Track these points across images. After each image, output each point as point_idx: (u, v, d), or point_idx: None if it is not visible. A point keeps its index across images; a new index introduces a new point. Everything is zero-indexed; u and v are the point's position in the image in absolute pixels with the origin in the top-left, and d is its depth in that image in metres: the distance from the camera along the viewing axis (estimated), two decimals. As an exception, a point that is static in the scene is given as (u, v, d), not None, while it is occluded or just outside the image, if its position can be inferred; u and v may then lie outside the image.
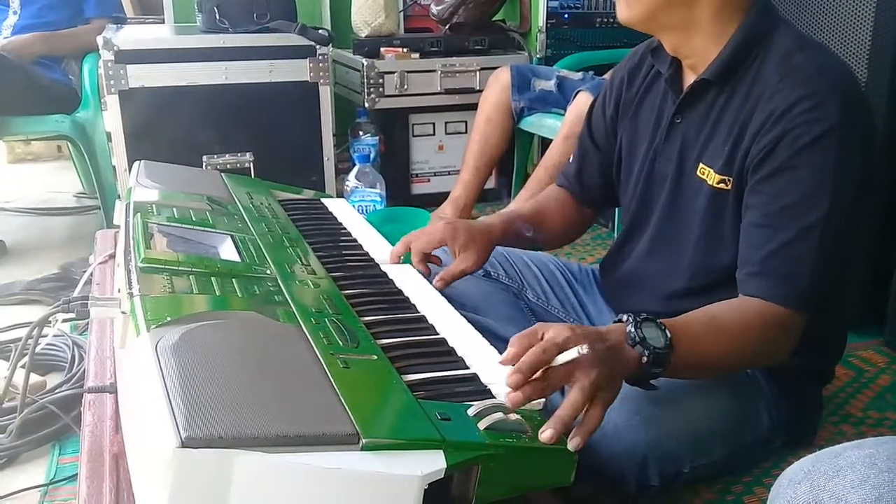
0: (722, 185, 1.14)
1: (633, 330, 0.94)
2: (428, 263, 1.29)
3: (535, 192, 2.19)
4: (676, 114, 1.22)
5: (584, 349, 0.85)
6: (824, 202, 1.05)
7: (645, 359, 0.94)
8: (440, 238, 1.28)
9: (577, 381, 0.86)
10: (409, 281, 1.24)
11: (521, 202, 2.25)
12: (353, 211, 1.63)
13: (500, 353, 1.01)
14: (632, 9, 1.14)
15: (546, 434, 0.82)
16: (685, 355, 0.97)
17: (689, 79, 1.20)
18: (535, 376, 0.85)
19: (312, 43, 2.39)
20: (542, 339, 0.88)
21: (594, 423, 0.86)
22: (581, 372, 0.86)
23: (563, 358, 0.86)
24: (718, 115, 1.16)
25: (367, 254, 1.34)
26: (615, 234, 1.45)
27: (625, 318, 0.97)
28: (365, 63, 2.65)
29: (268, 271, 1.11)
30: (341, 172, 2.66)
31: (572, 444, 0.83)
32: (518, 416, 0.83)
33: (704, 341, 1.02)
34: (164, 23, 3.07)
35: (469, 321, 1.11)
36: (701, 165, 1.18)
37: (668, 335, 0.96)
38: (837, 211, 1.05)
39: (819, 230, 1.05)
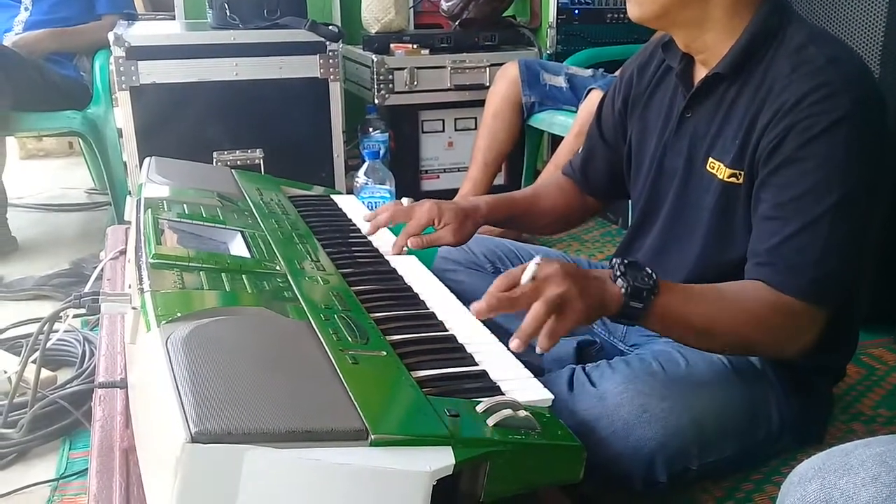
0: (733, 179, 1.14)
1: (617, 263, 1.00)
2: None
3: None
4: (687, 108, 1.21)
5: (537, 258, 0.94)
6: (833, 193, 1.04)
7: (623, 290, 0.98)
8: (427, 219, 1.33)
9: (542, 294, 0.92)
10: (419, 277, 1.24)
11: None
12: (362, 207, 1.63)
13: (509, 349, 1.01)
14: (644, 7, 1.13)
15: (514, 343, 0.91)
16: (672, 305, 1.01)
17: (701, 73, 1.20)
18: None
19: (322, 39, 2.39)
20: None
21: (560, 330, 0.92)
22: (549, 286, 0.93)
23: (525, 276, 0.93)
24: (728, 109, 1.15)
25: (376, 250, 1.34)
26: (624, 231, 1.45)
27: (615, 260, 1.01)
28: (375, 59, 2.65)
29: (277, 267, 1.11)
30: (351, 169, 2.66)
31: (540, 345, 0.90)
32: (527, 413, 0.83)
33: (699, 302, 1.04)
34: (174, 19, 3.08)
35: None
36: (711, 160, 1.17)
37: (654, 277, 0.99)
38: (847, 203, 1.04)
39: (827, 222, 1.04)
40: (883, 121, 1.11)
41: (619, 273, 0.99)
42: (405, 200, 1.40)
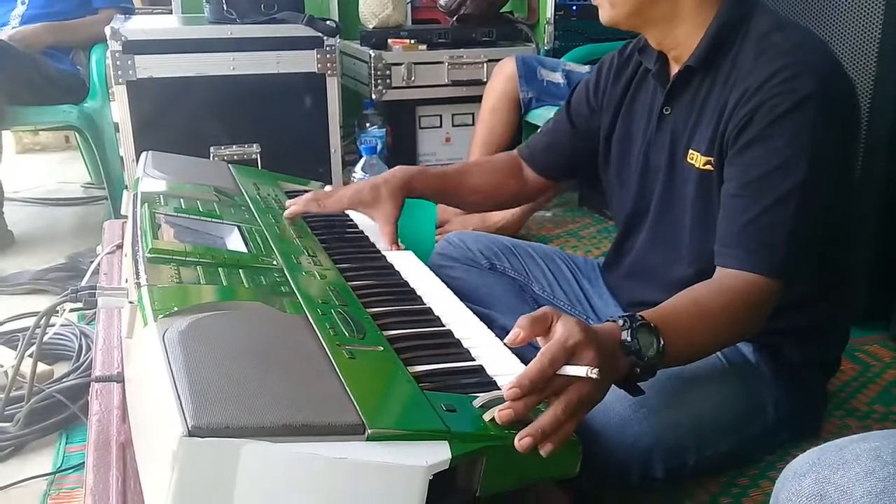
0: (708, 167, 1.15)
1: (629, 338, 0.90)
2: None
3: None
4: (665, 105, 1.23)
5: (595, 373, 0.80)
6: (800, 171, 1.04)
7: (638, 369, 0.91)
8: (348, 202, 1.35)
9: (566, 393, 0.81)
10: (416, 272, 1.24)
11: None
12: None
13: (503, 343, 1.01)
14: (616, 7, 1.15)
15: (524, 442, 0.78)
16: (674, 352, 0.94)
17: (675, 70, 1.21)
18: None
19: (320, 34, 2.39)
20: (549, 327, 0.84)
21: (566, 435, 0.81)
22: (576, 387, 0.81)
23: (569, 371, 0.81)
24: (703, 100, 1.17)
25: (373, 245, 1.34)
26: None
27: (620, 321, 0.92)
28: (372, 54, 2.65)
29: (274, 262, 1.11)
30: (348, 164, 2.66)
31: (543, 450, 0.79)
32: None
33: (692, 332, 0.99)
34: (171, 13, 3.07)
35: (475, 313, 1.11)
36: (690, 151, 1.19)
37: (661, 342, 0.92)
38: (814, 180, 1.05)
39: (795, 198, 1.05)
40: (849, 101, 1.12)
41: (633, 348, 0.90)
42: (328, 188, 1.40)
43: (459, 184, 1.45)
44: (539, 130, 1.51)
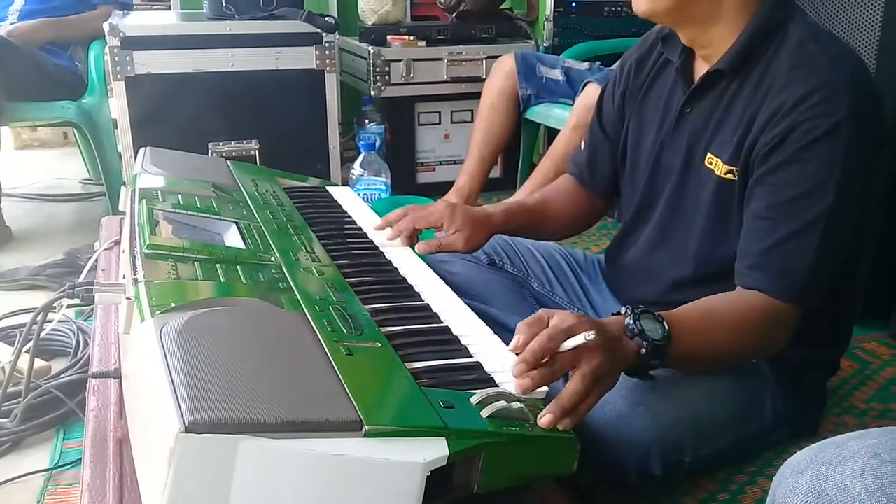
0: (729, 176, 1.14)
1: (631, 322, 0.95)
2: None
3: (541, 183, 2.19)
4: (686, 104, 1.20)
5: (591, 335, 0.85)
6: (830, 195, 1.04)
7: (643, 350, 0.94)
8: (437, 218, 1.30)
9: (580, 368, 0.86)
10: (414, 268, 1.24)
11: (525, 193, 2.25)
12: (358, 199, 1.63)
13: (505, 342, 1.01)
14: (657, 1, 1.11)
15: (545, 419, 0.82)
16: (682, 347, 0.98)
17: (701, 68, 1.19)
18: (541, 363, 0.86)
19: (319, 30, 2.38)
20: (547, 325, 0.88)
21: (586, 410, 0.87)
22: (586, 359, 0.87)
23: (570, 344, 0.86)
24: (729, 104, 1.15)
25: (371, 242, 1.34)
26: (620, 224, 1.45)
27: (623, 310, 0.97)
28: (371, 51, 2.65)
29: (272, 258, 1.11)
30: (347, 160, 2.66)
31: (562, 424, 0.84)
32: (521, 405, 0.83)
33: (702, 334, 1.02)
34: (170, 9, 3.07)
35: (473, 310, 1.11)
36: (709, 155, 1.17)
37: (666, 327, 0.97)
38: (843, 204, 1.05)
39: (823, 224, 1.04)
40: (879, 117, 1.11)
41: (636, 331, 0.95)
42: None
43: (542, 215, 1.43)
44: (581, 145, 1.48)
